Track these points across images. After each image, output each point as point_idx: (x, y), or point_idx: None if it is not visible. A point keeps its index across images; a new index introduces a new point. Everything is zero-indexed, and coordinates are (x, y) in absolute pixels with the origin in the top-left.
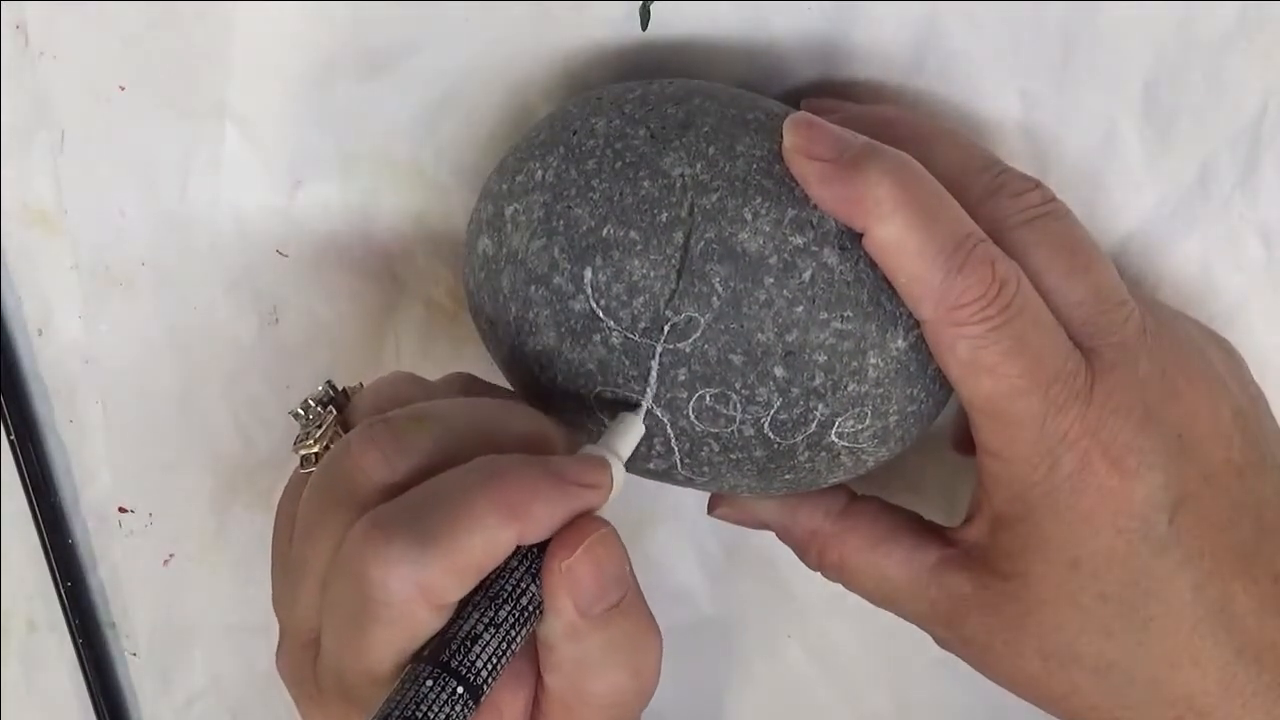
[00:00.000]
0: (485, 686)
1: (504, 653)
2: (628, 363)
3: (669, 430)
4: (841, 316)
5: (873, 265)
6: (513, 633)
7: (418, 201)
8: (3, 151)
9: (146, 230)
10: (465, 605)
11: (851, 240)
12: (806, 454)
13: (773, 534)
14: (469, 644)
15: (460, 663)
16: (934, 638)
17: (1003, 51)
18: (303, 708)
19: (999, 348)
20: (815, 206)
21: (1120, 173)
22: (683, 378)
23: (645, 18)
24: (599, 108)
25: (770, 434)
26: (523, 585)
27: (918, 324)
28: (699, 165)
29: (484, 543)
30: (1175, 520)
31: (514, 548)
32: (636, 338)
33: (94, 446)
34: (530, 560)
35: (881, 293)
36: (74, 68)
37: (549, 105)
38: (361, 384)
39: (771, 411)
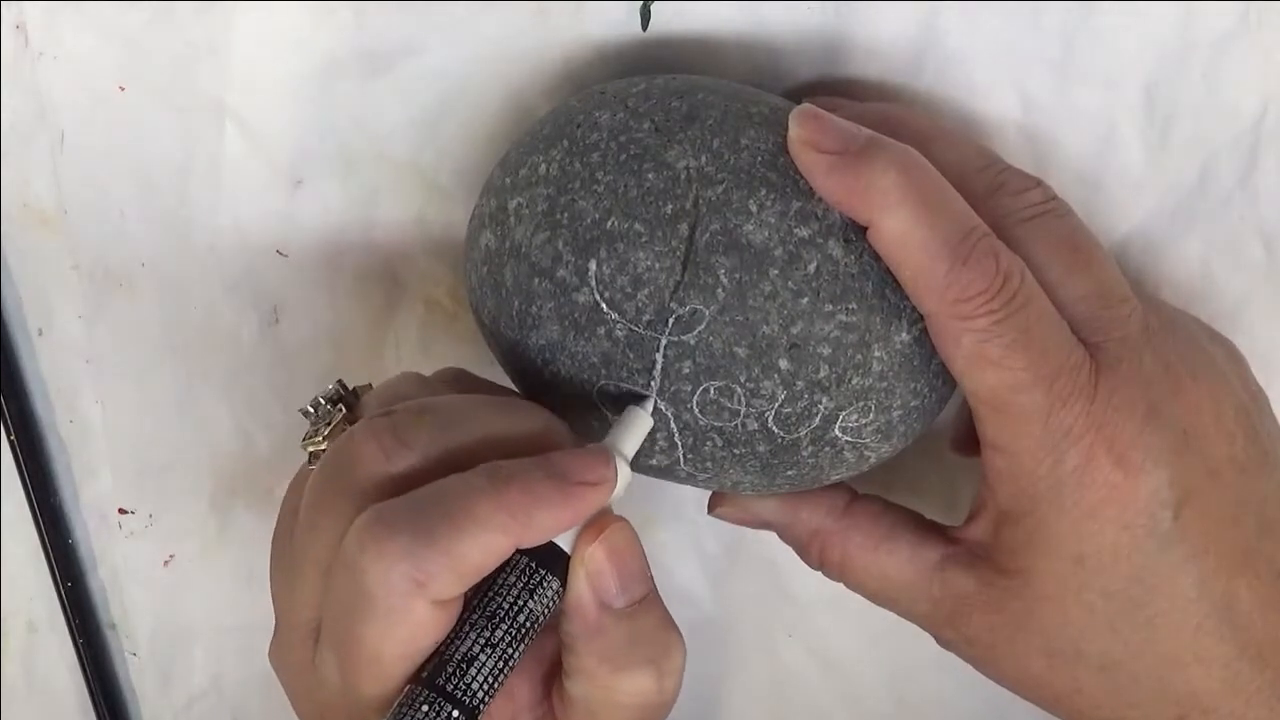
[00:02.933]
0: (481, 707)
1: (500, 672)
2: (632, 356)
3: (672, 425)
4: (846, 309)
5: (877, 258)
6: (509, 651)
7: (418, 201)
8: (3, 151)
9: (146, 230)
10: (462, 624)
11: (856, 233)
12: (810, 449)
13: (773, 534)
14: (465, 666)
15: (456, 686)
16: (936, 638)
17: (1002, 51)
18: (295, 700)
19: (1003, 340)
20: (820, 199)
21: (1120, 173)
22: (687, 370)
23: (645, 18)
24: (602, 102)
25: (774, 428)
26: (520, 602)
27: (921, 318)
28: (704, 158)
29: (484, 544)
30: (1180, 516)
31: (512, 552)
32: (641, 330)
33: (94, 446)
34: (528, 576)
35: (886, 285)
36: (74, 68)
37: (549, 106)
38: (371, 384)
39: (776, 405)
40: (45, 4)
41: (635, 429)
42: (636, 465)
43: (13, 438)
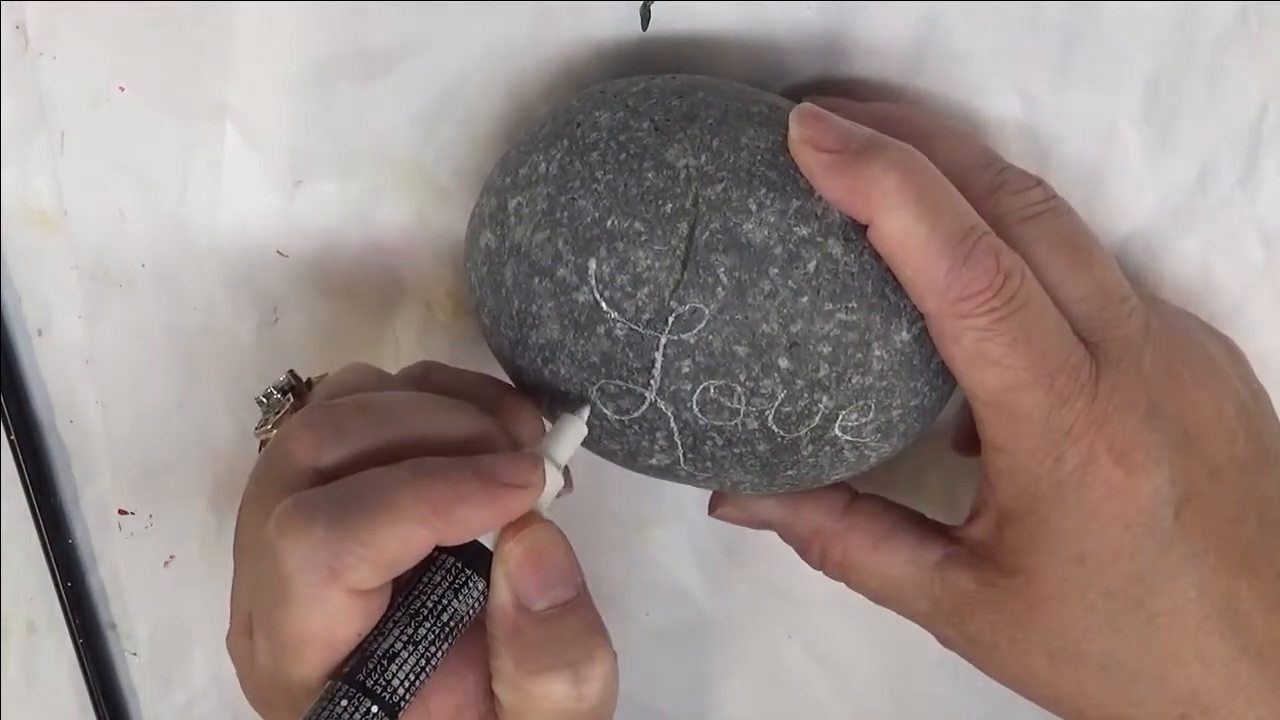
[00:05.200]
0: (402, 704)
1: (423, 669)
2: (632, 355)
3: (672, 424)
4: (846, 308)
5: (877, 257)
6: (432, 650)
7: (418, 201)
8: (3, 151)
9: (146, 231)
10: (386, 621)
11: (856, 231)
12: (810, 448)
13: (773, 534)
14: (386, 662)
15: (376, 681)
16: (937, 637)
17: (1003, 51)
18: (242, 685)
19: (1004, 339)
20: (820, 198)
21: (1120, 173)
22: (687, 369)
23: (645, 17)
24: (602, 101)
25: (774, 427)
26: (444, 602)
27: (921, 317)
28: (703, 156)
29: (402, 537)
30: (1180, 515)
31: (432, 547)
32: (641, 329)
33: (94, 446)
34: (453, 576)
35: (886, 284)
36: (74, 68)
37: (549, 105)
38: (327, 374)
39: (776, 404)
40: (45, 4)
41: (569, 436)
42: (636, 465)
43: (13, 438)
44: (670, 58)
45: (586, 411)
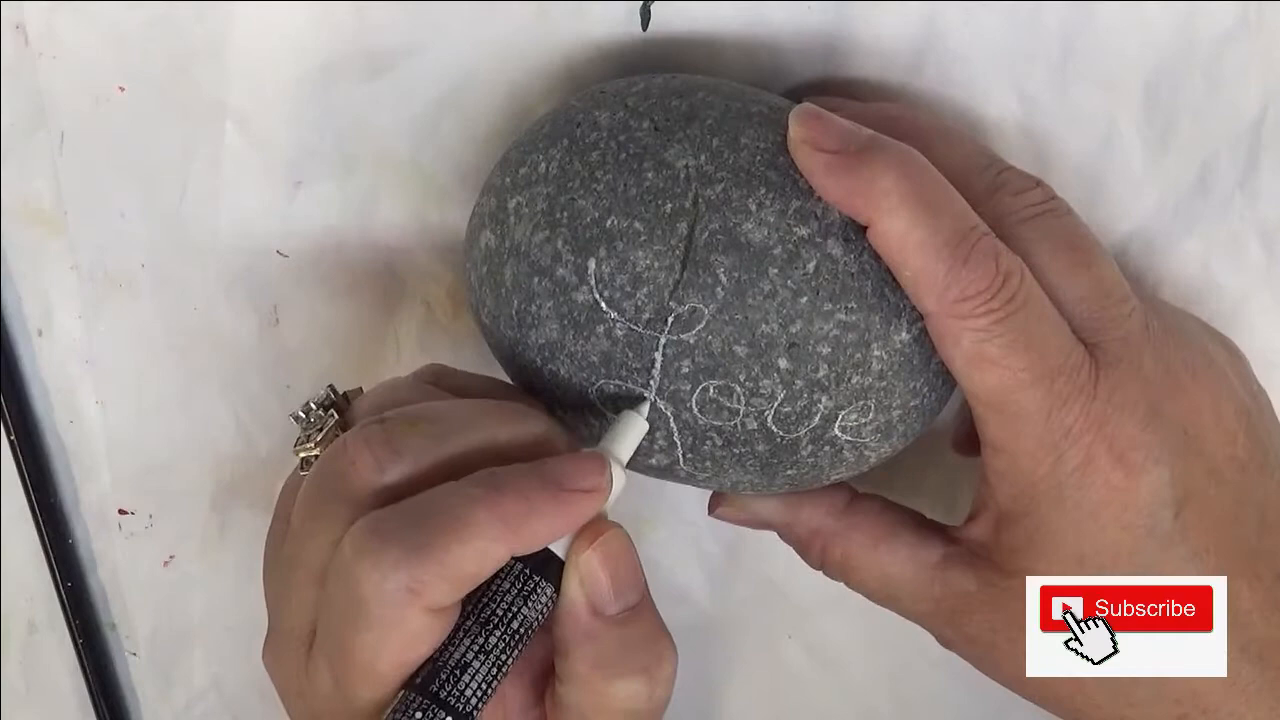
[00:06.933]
0: (475, 714)
1: (494, 678)
2: (631, 355)
3: (672, 424)
4: (845, 308)
5: (877, 257)
6: (503, 658)
7: (417, 201)
8: (3, 151)
9: (146, 231)
10: (457, 631)
11: (856, 232)
12: (809, 448)
13: (773, 534)
14: (459, 673)
15: (450, 692)
16: (936, 637)
17: (1002, 51)
18: (288, 702)
19: (1003, 340)
20: (820, 198)
21: (1120, 173)
22: (686, 370)
23: (646, 18)
24: (602, 101)
25: (774, 427)
26: (514, 609)
27: (921, 317)
28: (703, 156)
29: (478, 552)
30: (1180, 516)
31: (507, 560)
32: (640, 329)
33: (94, 446)
34: (522, 583)
35: (885, 285)
36: (74, 68)
37: (549, 106)
38: (362, 388)
39: (775, 404)
40: (45, 4)
41: (630, 433)
42: (636, 465)
43: (13, 438)
44: (670, 58)
45: (646, 408)
